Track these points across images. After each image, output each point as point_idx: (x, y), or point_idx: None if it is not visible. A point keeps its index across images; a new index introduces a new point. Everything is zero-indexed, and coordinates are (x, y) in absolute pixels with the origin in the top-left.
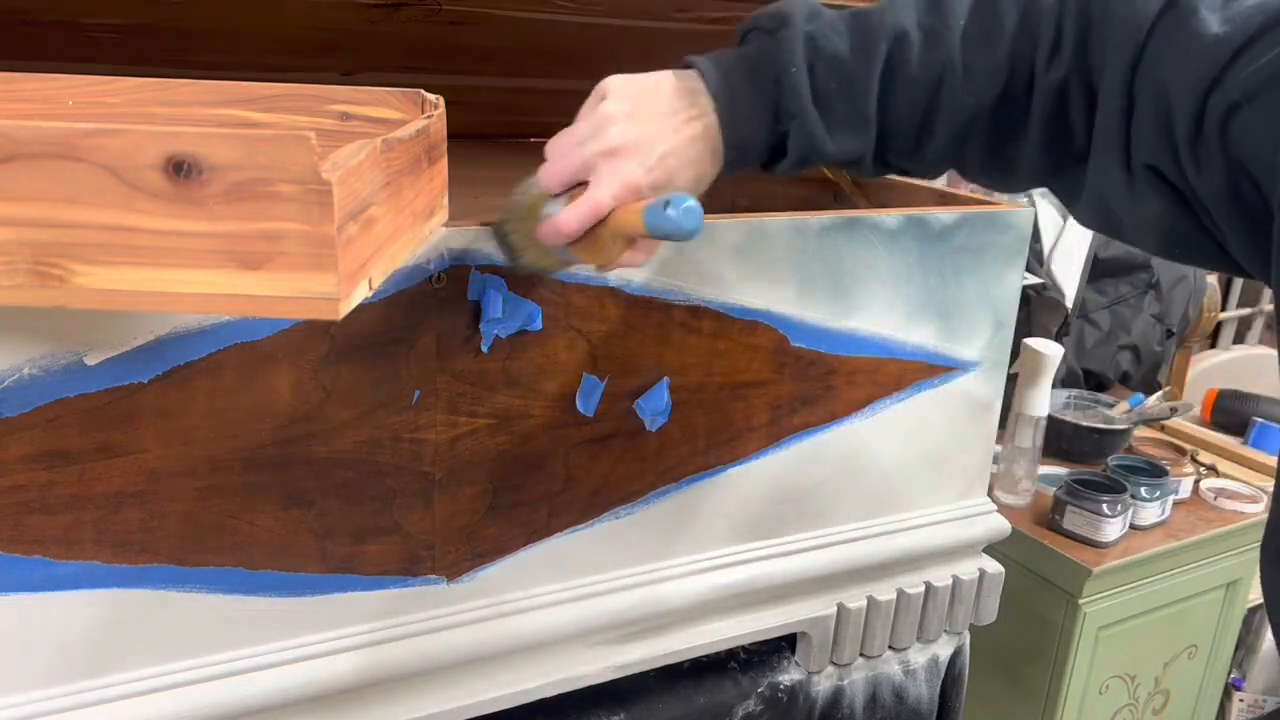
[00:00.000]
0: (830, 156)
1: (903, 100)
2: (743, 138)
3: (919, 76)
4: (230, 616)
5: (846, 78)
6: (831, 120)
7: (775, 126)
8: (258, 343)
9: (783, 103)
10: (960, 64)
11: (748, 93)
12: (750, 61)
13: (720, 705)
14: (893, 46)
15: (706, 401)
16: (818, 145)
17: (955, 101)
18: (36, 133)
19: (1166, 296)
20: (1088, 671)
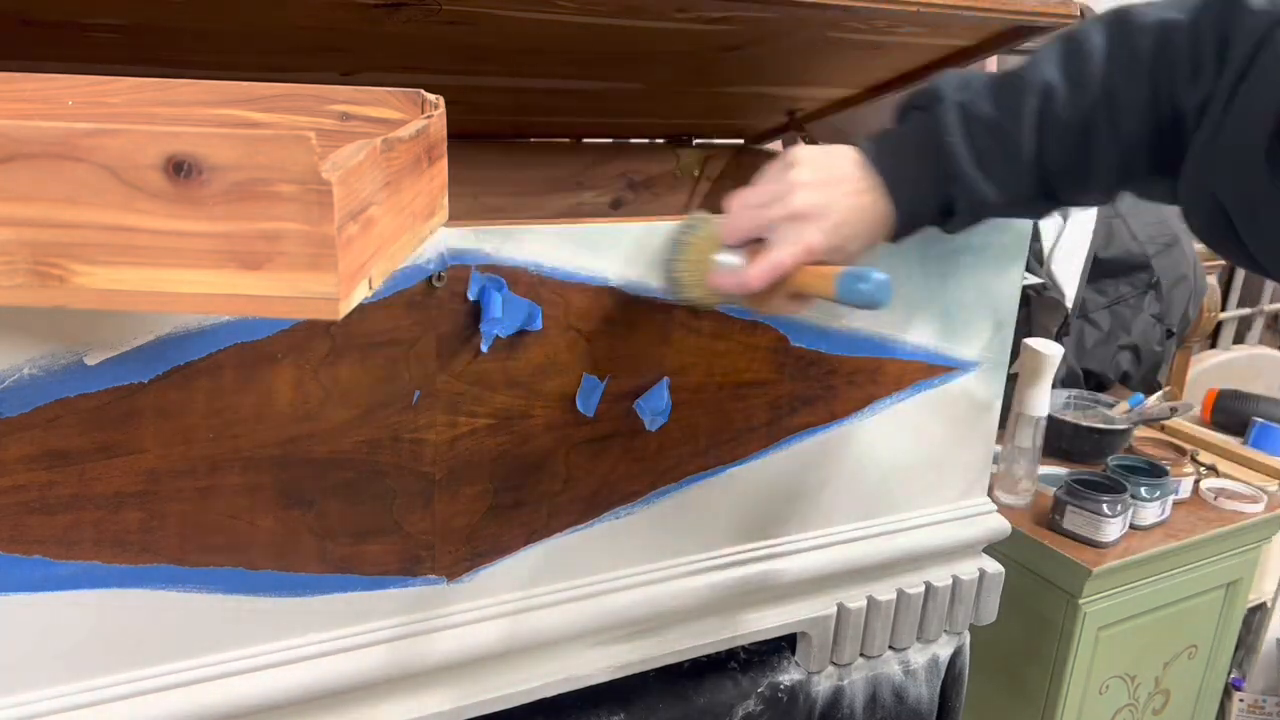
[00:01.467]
0: (999, 208)
1: (1058, 146)
2: (912, 205)
3: (1071, 121)
4: (230, 616)
5: (1001, 137)
6: (993, 177)
7: (941, 191)
8: (258, 343)
9: (944, 169)
10: (1106, 103)
11: (911, 165)
12: (910, 136)
13: (720, 705)
14: (1040, 100)
15: (706, 401)
16: (984, 200)
17: (1109, 138)
18: (36, 133)
19: (1166, 296)
20: (1088, 671)
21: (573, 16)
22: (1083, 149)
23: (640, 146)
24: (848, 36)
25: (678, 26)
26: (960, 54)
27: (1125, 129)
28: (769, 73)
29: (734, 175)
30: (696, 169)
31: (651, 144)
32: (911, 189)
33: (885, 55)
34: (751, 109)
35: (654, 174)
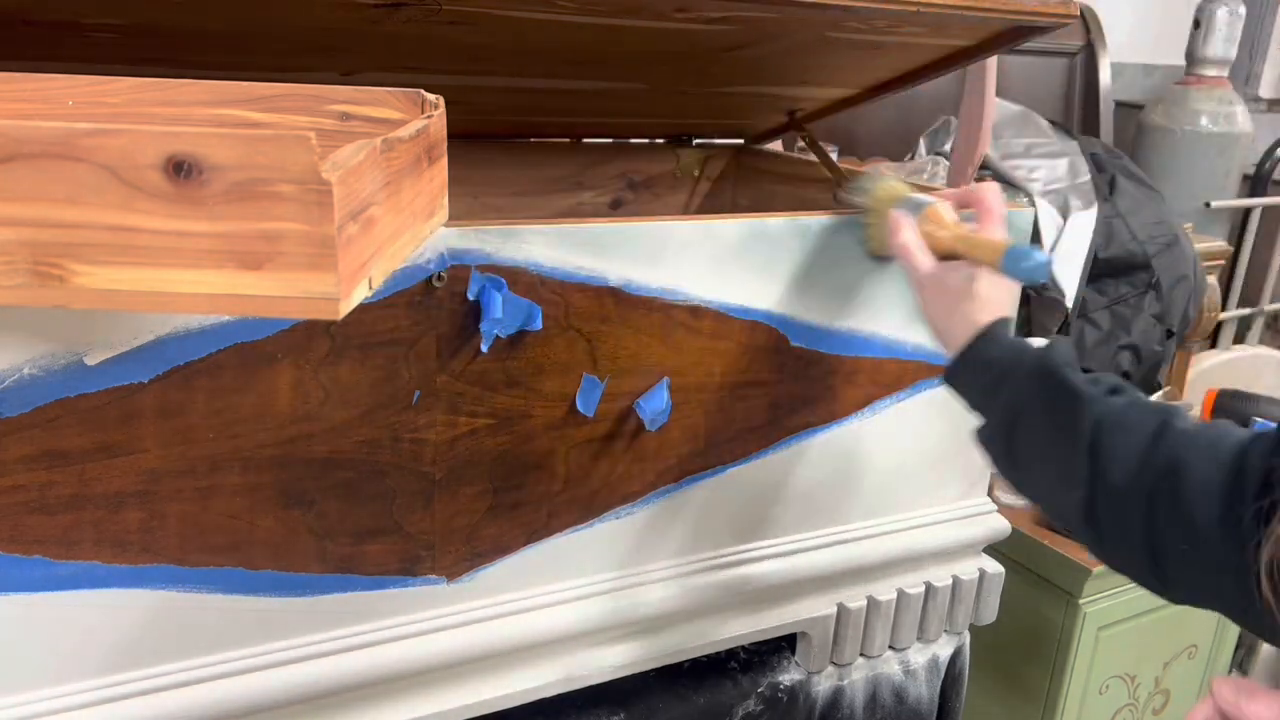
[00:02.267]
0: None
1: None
2: (954, 372)
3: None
4: (230, 616)
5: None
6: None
7: (974, 392)
8: (258, 343)
9: (982, 395)
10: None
11: (979, 376)
12: (997, 370)
13: (720, 705)
14: (1089, 449)
15: (706, 401)
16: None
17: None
18: (36, 133)
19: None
20: (1088, 671)
21: (573, 16)
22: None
23: (640, 146)
24: (848, 36)
25: (678, 26)
26: (960, 54)
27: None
28: (769, 73)
29: (734, 175)
30: (696, 169)
31: (651, 144)
32: (965, 374)
33: (885, 55)
34: (751, 109)
35: (654, 174)
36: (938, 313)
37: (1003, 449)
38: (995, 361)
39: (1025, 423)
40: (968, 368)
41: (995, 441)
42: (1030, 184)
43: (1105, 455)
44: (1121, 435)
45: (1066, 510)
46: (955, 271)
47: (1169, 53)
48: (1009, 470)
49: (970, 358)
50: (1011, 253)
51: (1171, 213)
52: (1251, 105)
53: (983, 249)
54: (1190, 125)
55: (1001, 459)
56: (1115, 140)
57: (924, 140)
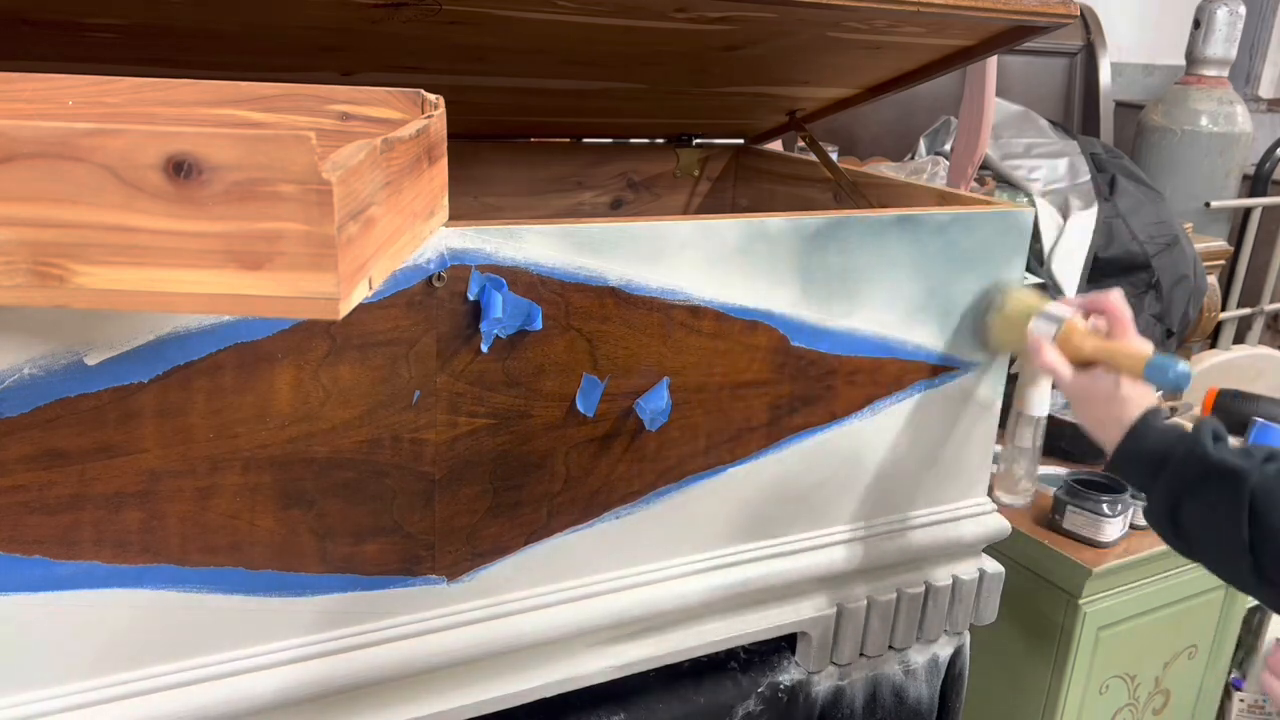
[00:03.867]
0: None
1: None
2: (1116, 463)
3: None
4: (230, 616)
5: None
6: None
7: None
8: (258, 343)
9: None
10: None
11: (1142, 467)
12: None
13: (720, 705)
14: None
15: (706, 401)
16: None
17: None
18: (36, 133)
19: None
20: (1088, 671)
21: (573, 16)
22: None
23: (640, 146)
24: (848, 36)
25: (678, 26)
26: (960, 54)
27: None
28: (769, 73)
29: (734, 175)
30: (696, 169)
31: (651, 144)
32: (1124, 468)
33: (885, 55)
34: (751, 109)
35: (654, 174)
36: (1090, 417)
37: (1169, 529)
38: (1150, 453)
39: (1186, 505)
40: (1126, 462)
41: (1162, 523)
42: (1030, 184)
43: (1267, 520)
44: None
45: (1241, 577)
46: (1100, 381)
47: (1169, 53)
48: (1180, 545)
49: (1126, 454)
50: (1154, 365)
51: (1171, 213)
52: (1251, 105)
53: (1126, 361)
54: (1190, 125)
55: (1170, 537)
56: (1115, 140)
57: (924, 140)
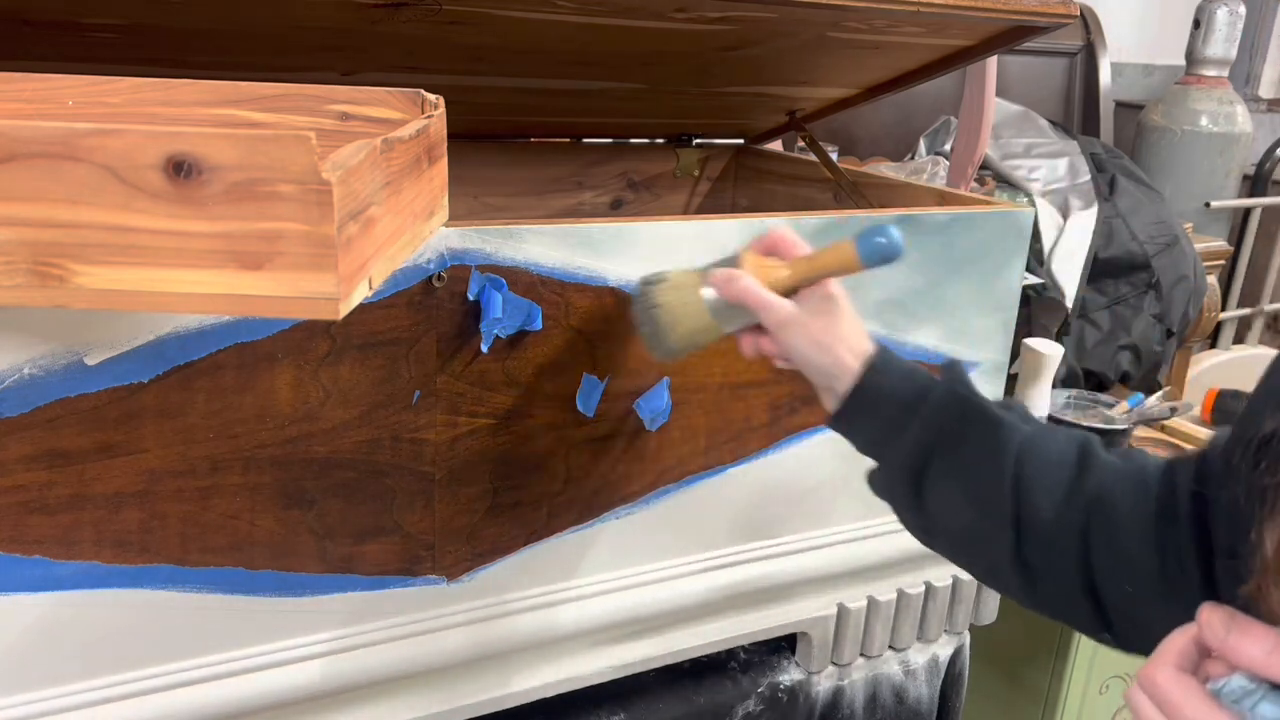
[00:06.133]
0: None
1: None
2: (839, 416)
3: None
4: (230, 616)
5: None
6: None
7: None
8: (258, 343)
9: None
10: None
11: (874, 419)
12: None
13: (720, 705)
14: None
15: (706, 401)
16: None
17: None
18: (36, 133)
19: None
20: (1088, 671)
21: (573, 16)
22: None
23: (640, 146)
24: (847, 36)
25: (678, 26)
26: (960, 54)
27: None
28: (769, 73)
29: (734, 175)
30: (696, 169)
31: (651, 144)
32: (859, 413)
33: (885, 55)
34: (751, 109)
35: (654, 174)
36: (811, 348)
37: (910, 491)
38: (894, 392)
39: (938, 461)
40: (864, 404)
41: (901, 485)
42: (1030, 184)
43: (1030, 489)
44: (1045, 467)
45: (992, 554)
46: (810, 301)
47: (1169, 53)
48: (916, 516)
49: (865, 393)
50: (864, 238)
51: (1171, 213)
52: (1251, 105)
53: (829, 256)
54: (1190, 125)
55: (908, 502)
56: (1115, 140)
57: (924, 140)
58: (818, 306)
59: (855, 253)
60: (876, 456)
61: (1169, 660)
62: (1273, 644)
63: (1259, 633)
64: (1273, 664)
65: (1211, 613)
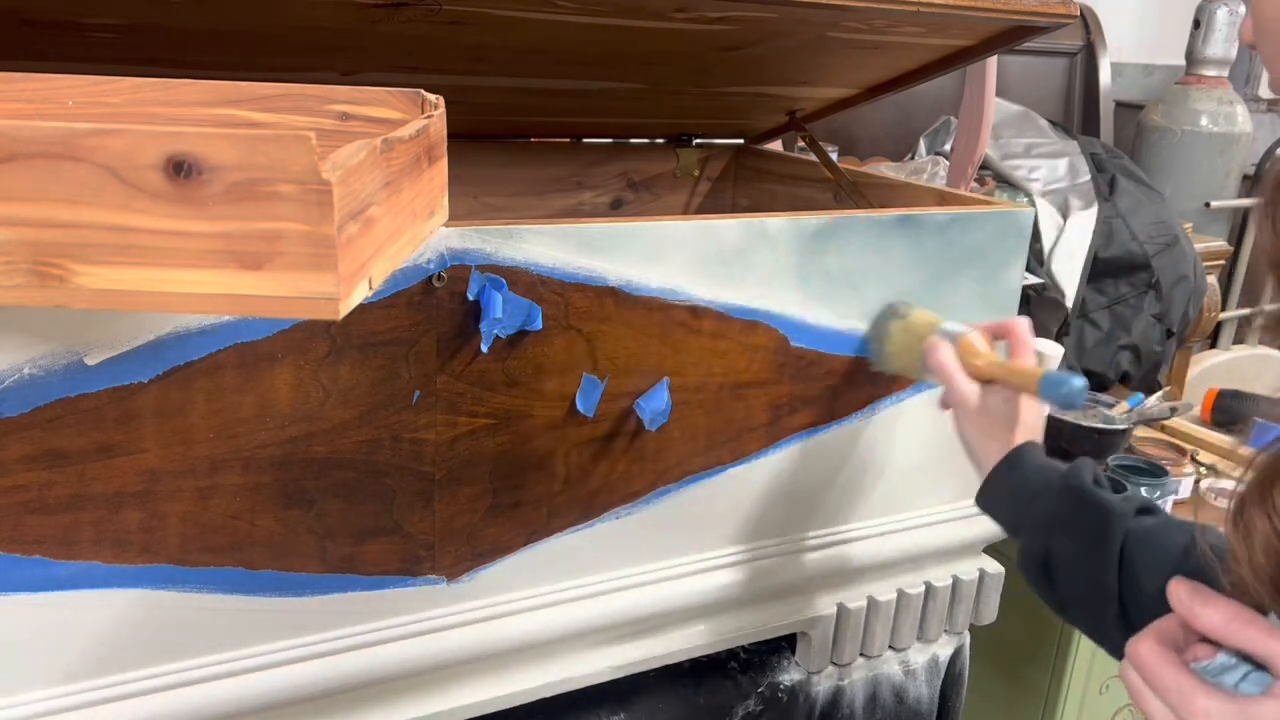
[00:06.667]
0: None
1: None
2: (987, 500)
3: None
4: (230, 616)
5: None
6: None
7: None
8: (258, 343)
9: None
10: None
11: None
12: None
13: (720, 705)
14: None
15: (706, 401)
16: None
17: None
18: (36, 133)
19: (1166, 296)
20: (1088, 671)
21: (573, 16)
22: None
23: (640, 146)
24: (847, 36)
25: (678, 26)
26: (960, 54)
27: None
28: (769, 73)
29: (734, 175)
30: (696, 169)
31: (651, 144)
32: (997, 495)
33: (884, 55)
34: (751, 109)
35: (654, 174)
36: (974, 434)
37: (1041, 573)
38: (1025, 483)
39: (1057, 543)
40: (999, 491)
41: (1035, 567)
42: (1030, 184)
43: (1136, 567)
44: (1152, 549)
45: (1104, 624)
46: (994, 395)
47: (1169, 53)
48: (1048, 591)
49: (1001, 481)
50: (1048, 379)
51: (1171, 213)
52: (1251, 105)
53: (1020, 375)
54: (1190, 125)
55: (1043, 585)
56: (1115, 140)
57: (924, 140)
58: (996, 405)
59: (1038, 386)
60: (1014, 536)
61: (1152, 636)
62: (1233, 613)
63: (1220, 603)
64: (1232, 631)
65: (1178, 584)
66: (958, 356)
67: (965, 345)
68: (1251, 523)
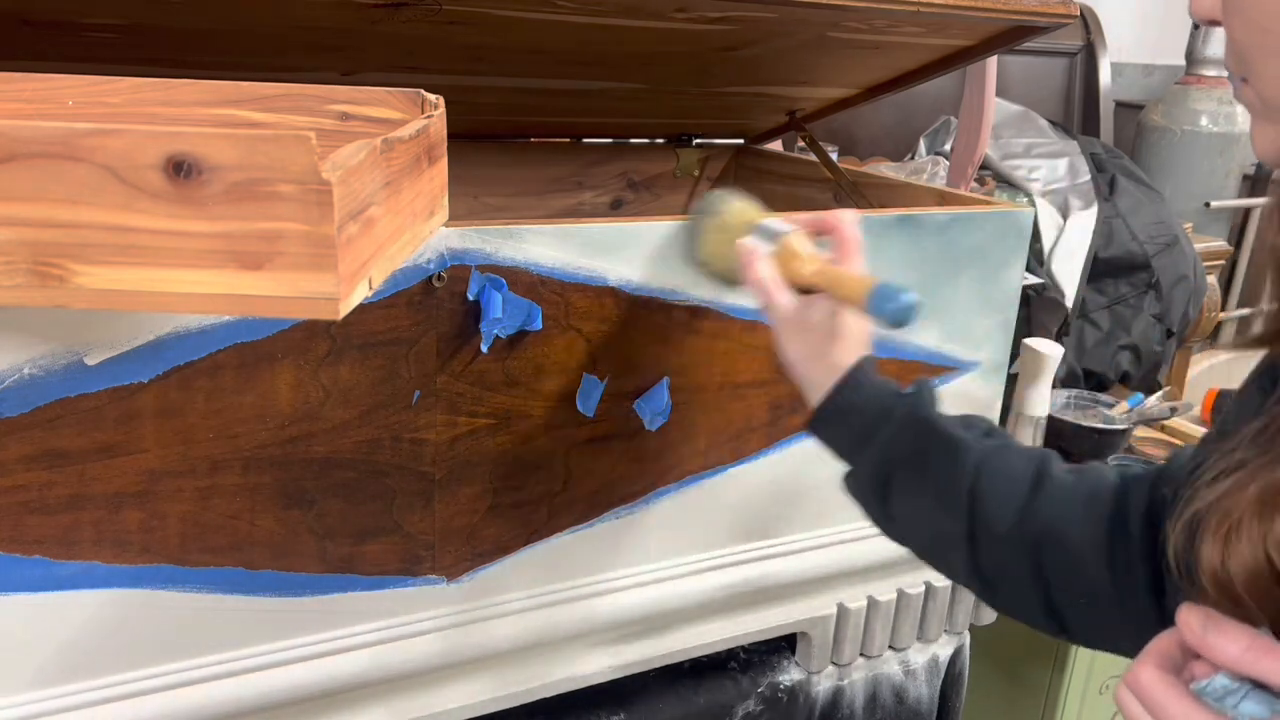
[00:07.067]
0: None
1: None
2: (817, 423)
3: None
4: (230, 616)
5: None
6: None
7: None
8: (258, 343)
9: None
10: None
11: (843, 425)
12: (862, 420)
13: (720, 705)
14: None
15: (706, 401)
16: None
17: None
18: (36, 133)
19: (1166, 296)
20: (1088, 671)
21: (573, 16)
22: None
23: (640, 146)
24: (847, 36)
25: (678, 26)
26: (960, 54)
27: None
28: (769, 73)
29: (734, 175)
30: (696, 169)
31: (651, 144)
32: (832, 423)
33: (885, 55)
34: (751, 109)
35: (654, 174)
36: (798, 354)
37: (877, 501)
38: (863, 409)
39: (900, 478)
40: (834, 416)
41: (869, 494)
42: (1030, 184)
43: (985, 503)
44: (1001, 483)
45: (951, 562)
46: (815, 308)
47: (1169, 53)
48: (885, 523)
49: (836, 406)
50: (878, 291)
51: (1171, 213)
52: None
53: (846, 287)
54: (1190, 125)
55: (876, 511)
56: (1115, 140)
57: (924, 140)
58: (819, 317)
59: (866, 298)
60: (848, 463)
61: (1153, 661)
62: (1248, 641)
63: (1235, 631)
64: (1248, 660)
65: (1189, 613)
66: (776, 262)
67: (786, 248)
68: (1238, 547)
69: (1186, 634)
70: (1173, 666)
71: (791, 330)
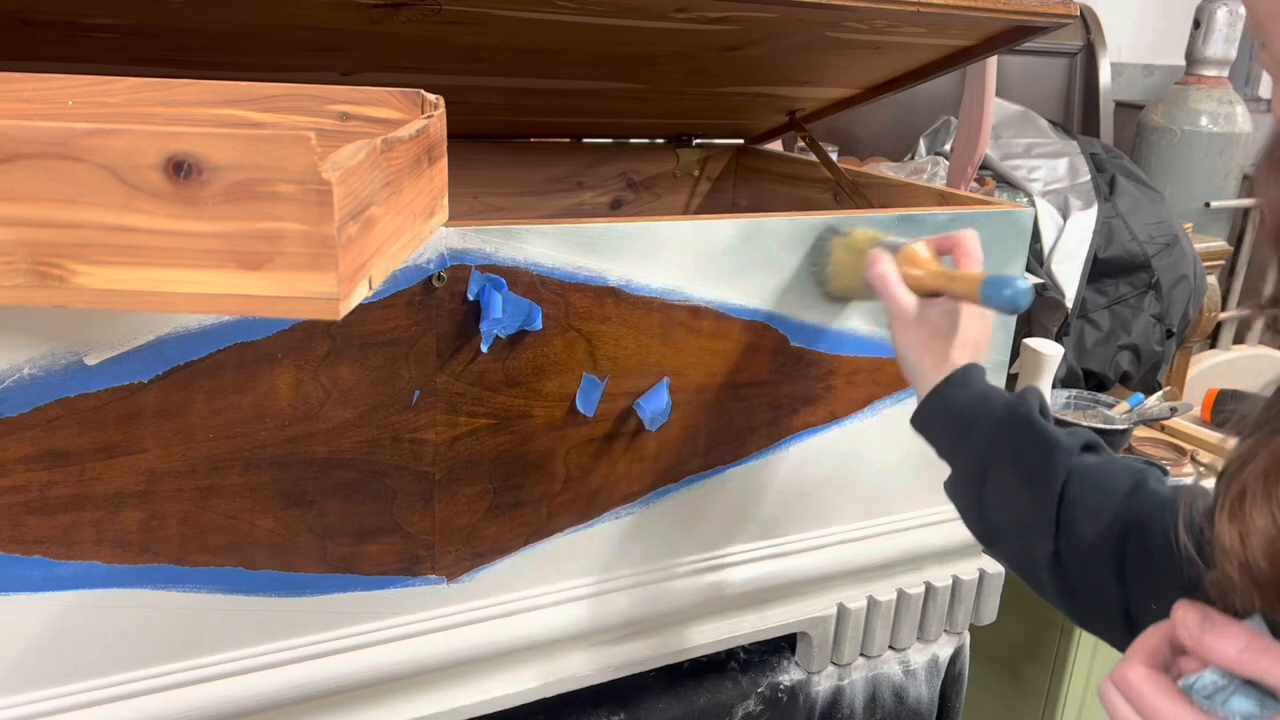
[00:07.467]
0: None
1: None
2: (922, 416)
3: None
4: (230, 616)
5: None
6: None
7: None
8: (258, 343)
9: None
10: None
11: (944, 420)
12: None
13: (720, 705)
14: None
15: (706, 401)
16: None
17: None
18: (36, 133)
19: (1166, 296)
20: (1088, 671)
21: (573, 16)
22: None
23: (640, 146)
24: (847, 36)
25: (678, 26)
26: (960, 54)
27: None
28: (769, 73)
29: (734, 175)
30: (696, 169)
31: (651, 144)
32: (934, 418)
33: (885, 55)
34: (751, 109)
35: (654, 174)
36: (913, 348)
37: (971, 499)
38: (966, 406)
39: (995, 472)
40: (937, 412)
41: (963, 491)
42: (1030, 184)
43: (1076, 508)
44: (1094, 490)
45: (1035, 565)
46: (935, 307)
47: (1169, 53)
48: (977, 523)
49: (943, 398)
50: (991, 280)
51: (1171, 213)
52: (1251, 105)
53: (961, 282)
54: (1190, 125)
55: (970, 510)
56: (1115, 140)
57: (924, 140)
58: (937, 318)
59: (979, 291)
60: (948, 463)
61: (1142, 658)
62: (1245, 641)
63: (1233, 631)
64: (1245, 661)
65: (1187, 611)
66: (898, 267)
67: (907, 255)
68: (1251, 518)
69: (1183, 632)
70: (1161, 663)
71: (908, 324)
